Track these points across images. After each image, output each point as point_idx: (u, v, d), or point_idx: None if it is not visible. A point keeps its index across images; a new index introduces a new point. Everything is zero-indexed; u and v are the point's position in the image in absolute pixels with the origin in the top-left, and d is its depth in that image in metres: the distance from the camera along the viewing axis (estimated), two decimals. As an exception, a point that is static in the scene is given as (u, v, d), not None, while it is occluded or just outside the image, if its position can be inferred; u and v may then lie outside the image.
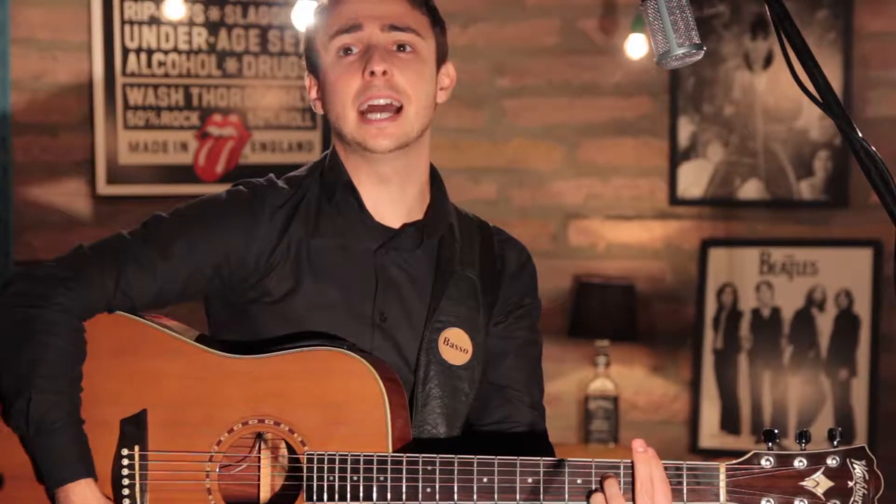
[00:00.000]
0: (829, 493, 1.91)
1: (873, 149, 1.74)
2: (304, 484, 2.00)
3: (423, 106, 2.12)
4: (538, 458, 1.98)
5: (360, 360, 2.02)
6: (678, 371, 5.09)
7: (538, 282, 2.29)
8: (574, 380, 5.11)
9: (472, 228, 2.25)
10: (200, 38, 4.90)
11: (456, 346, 2.15)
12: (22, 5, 4.67)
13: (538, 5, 5.13)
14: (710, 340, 5.02)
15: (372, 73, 2.07)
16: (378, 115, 2.09)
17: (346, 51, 2.11)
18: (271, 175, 2.19)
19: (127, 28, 4.80)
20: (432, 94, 2.16)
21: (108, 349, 2.07)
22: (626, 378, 5.08)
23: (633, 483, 1.91)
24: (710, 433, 5.00)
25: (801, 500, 1.91)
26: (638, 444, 1.93)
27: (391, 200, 2.16)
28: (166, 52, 4.86)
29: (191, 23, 4.88)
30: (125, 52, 4.81)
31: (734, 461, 1.94)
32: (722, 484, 1.93)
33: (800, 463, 1.93)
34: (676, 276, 5.09)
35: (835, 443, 1.93)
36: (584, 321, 4.99)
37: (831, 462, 1.92)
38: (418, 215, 2.18)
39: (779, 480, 1.92)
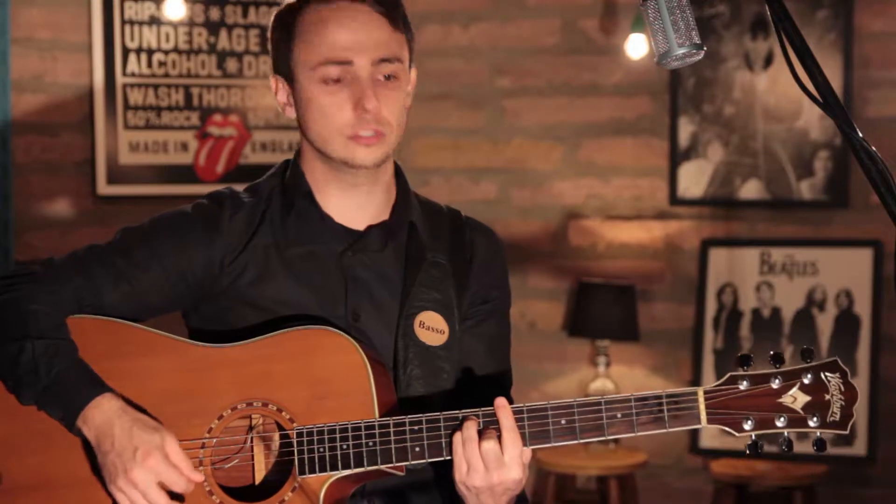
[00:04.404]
0: (807, 408, 1.96)
1: (873, 149, 1.74)
2: (296, 458, 2.03)
3: (401, 128, 2.19)
4: (541, 403, 2.02)
5: (341, 334, 2.06)
6: (678, 371, 5.09)
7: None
8: (574, 380, 5.11)
9: (441, 216, 2.29)
10: (200, 38, 4.90)
11: (432, 328, 2.19)
12: (22, 5, 4.68)
13: (538, 5, 5.14)
14: (710, 340, 5.02)
15: (364, 109, 2.11)
16: (365, 136, 2.14)
17: (334, 81, 2.13)
18: (231, 186, 2.26)
19: (127, 28, 4.80)
20: (406, 111, 2.22)
21: (97, 354, 2.11)
22: (626, 378, 5.08)
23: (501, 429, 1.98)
24: (711, 433, 4.99)
25: (781, 417, 1.96)
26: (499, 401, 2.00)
27: (358, 206, 2.21)
28: (166, 52, 4.86)
29: (191, 23, 4.88)
30: (125, 52, 4.81)
31: (711, 385, 1.99)
32: (702, 407, 1.98)
33: (775, 381, 1.97)
34: (676, 276, 5.10)
35: (808, 360, 1.97)
36: (584, 321, 4.99)
37: (806, 378, 1.96)
38: (384, 215, 2.23)
39: (757, 399, 1.97)
